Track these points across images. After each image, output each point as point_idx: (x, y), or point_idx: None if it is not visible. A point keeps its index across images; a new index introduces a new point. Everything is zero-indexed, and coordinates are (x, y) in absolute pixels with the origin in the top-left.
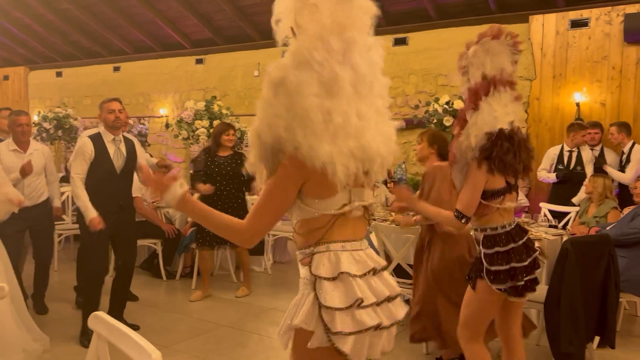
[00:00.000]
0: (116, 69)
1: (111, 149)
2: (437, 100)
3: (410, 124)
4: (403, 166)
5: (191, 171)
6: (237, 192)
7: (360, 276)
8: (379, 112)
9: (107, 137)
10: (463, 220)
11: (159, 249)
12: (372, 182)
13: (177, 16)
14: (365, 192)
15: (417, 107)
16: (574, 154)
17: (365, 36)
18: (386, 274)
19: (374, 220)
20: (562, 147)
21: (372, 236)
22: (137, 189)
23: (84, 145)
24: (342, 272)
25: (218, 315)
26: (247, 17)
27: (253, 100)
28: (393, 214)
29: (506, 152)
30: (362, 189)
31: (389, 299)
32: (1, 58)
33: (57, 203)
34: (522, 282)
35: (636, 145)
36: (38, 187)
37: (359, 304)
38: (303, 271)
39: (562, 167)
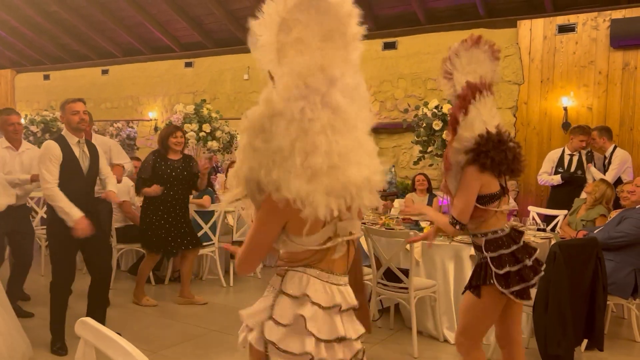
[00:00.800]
0: (105, 72)
1: (77, 152)
2: (426, 104)
3: (399, 128)
4: (393, 170)
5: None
6: (187, 195)
7: (323, 308)
8: (362, 145)
9: (72, 140)
10: (457, 227)
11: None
12: (360, 212)
13: (167, 19)
14: (352, 224)
15: (406, 111)
16: (575, 158)
17: (351, 73)
18: (351, 314)
19: (364, 224)
20: (563, 151)
21: (362, 240)
22: (125, 192)
23: (52, 148)
24: (305, 294)
25: (207, 320)
26: (237, 21)
27: (243, 103)
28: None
29: (495, 150)
30: (350, 222)
31: (342, 339)
32: None
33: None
34: (534, 282)
35: (617, 149)
36: (27, 188)
37: (301, 324)
38: (274, 278)
39: (562, 171)
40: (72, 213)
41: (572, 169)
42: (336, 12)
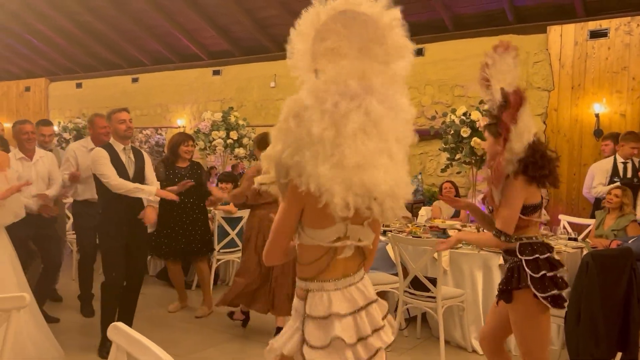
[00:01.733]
0: (134, 80)
1: (123, 158)
2: (454, 111)
3: (426, 135)
4: (419, 177)
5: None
6: (198, 202)
7: (349, 314)
8: (392, 157)
9: (118, 147)
10: (503, 238)
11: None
12: (375, 222)
13: (195, 28)
14: (363, 231)
15: (433, 118)
16: (629, 165)
17: (391, 86)
18: (373, 307)
19: (391, 232)
20: (615, 159)
21: (389, 248)
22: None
23: (102, 152)
24: (332, 314)
25: (233, 325)
26: (264, 29)
27: (269, 111)
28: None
29: (542, 161)
30: (361, 227)
31: (372, 333)
32: (23, 69)
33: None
34: (568, 289)
35: None
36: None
37: (339, 341)
38: (296, 302)
39: (617, 180)
40: (148, 189)
41: (629, 176)
42: (375, 24)
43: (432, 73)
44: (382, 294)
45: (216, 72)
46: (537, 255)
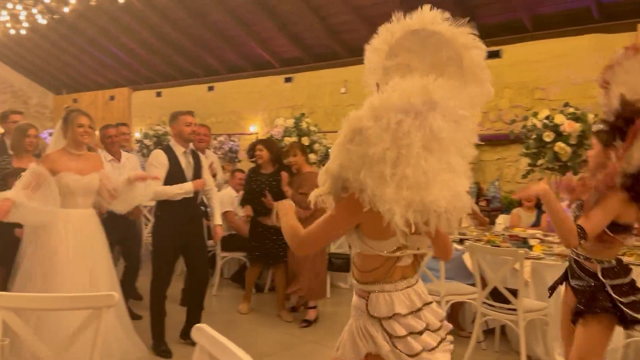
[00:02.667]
0: (210, 88)
1: (182, 161)
2: (535, 114)
3: (503, 140)
4: (496, 184)
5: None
6: None
7: (409, 314)
8: (452, 169)
9: (178, 150)
10: (582, 241)
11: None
12: (432, 232)
13: (269, 36)
14: (420, 239)
15: (512, 122)
16: None
17: (460, 101)
18: (429, 310)
19: (468, 240)
20: None
21: (466, 257)
22: (229, 203)
23: (158, 156)
24: (395, 313)
25: (303, 330)
26: (335, 35)
27: (340, 117)
28: None
29: None
30: (419, 237)
31: (430, 329)
32: (108, 80)
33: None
34: None
35: None
36: None
37: (413, 332)
38: (356, 300)
39: None
40: (184, 186)
41: None
42: (449, 43)
43: (509, 75)
44: (459, 305)
45: (288, 80)
46: (621, 280)
